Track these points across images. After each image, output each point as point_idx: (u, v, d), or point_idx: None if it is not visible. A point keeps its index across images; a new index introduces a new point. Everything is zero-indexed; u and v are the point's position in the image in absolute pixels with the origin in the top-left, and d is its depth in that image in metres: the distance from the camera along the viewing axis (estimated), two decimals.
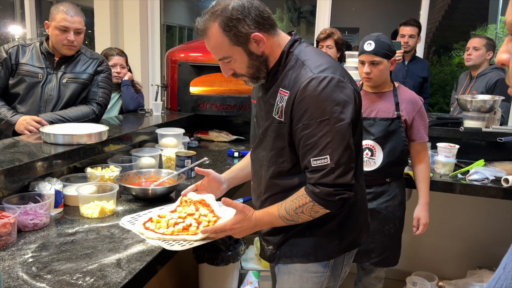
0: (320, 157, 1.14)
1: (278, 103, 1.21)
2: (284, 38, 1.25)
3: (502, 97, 2.56)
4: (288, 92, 1.18)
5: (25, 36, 5.29)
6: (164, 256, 1.30)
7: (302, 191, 1.20)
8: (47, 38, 2.24)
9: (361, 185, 1.36)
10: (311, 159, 1.15)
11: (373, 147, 1.99)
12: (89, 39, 4.87)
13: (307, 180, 1.19)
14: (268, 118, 1.26)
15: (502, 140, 2.36)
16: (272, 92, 1.24)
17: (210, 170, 1.53)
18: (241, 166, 1.59)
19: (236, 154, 2.42)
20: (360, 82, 2.10)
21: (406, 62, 3.31)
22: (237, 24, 1.15)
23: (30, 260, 1.19)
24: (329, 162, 1.13)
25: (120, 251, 1.25)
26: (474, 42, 3.08)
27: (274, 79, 1.24)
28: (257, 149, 1.36)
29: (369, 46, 1.88)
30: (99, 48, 4.05)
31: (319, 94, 1.12)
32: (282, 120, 1.21)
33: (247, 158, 1.57)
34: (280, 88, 1.21)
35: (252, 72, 1.24)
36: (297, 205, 1.20)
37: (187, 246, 1.31)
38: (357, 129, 1.24)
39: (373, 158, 1.99)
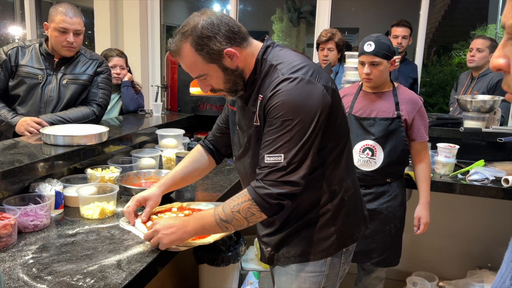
0: (274, 155, 1.14)
1: (257, 110, 1.23)
2: (257, 46, 1.25)
3: (502, 97, 2.56)
4: (263, 96, 1.19)
5: (25, 37, 5.29)
6: (164, 257, 1.30)
7: (244, 190, 1.20)
8: (47, 39, 2.24)
9: (353, 180, 1.36)
10: (265, 155, 1.16)
11: (373, 147, 1.99)
12: (89, 40, 4.87)
13: (256, 176, 1.19)
14: (250, 126, 1.27)
15: (502, 140, 2.36)
16: (252, 100, 1.25)
17: (151, 205, 1.45)
18: (177, 175, 1.52)
19: None
20: (360, 83, 2.11)
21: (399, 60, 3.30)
22: (208, 42, 1.16)
23: (31, 261, 1.19)
24: (281, 160, 1.14)
25: (120, 252, 1.25)
26: (477, 43, 3.05)
27: (252, 88, 1.25)
28: (242, 158, 1.35)
29: (369, 47, 1.88)
30: (99, 49, 4.05)
31: (286, 95, 1.13)
32: (258, 124, 1.22)
33: (187, 158, 1.54)
34: (259, 95, 1.22)
35: (230, 87, 1.24)
36: (236, 203, 1.19)
37: (186, 247, 1.31)
38: (339, 126, 1.25)
39: (374, 158, 1.99)
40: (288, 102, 1.13)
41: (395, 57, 1.97)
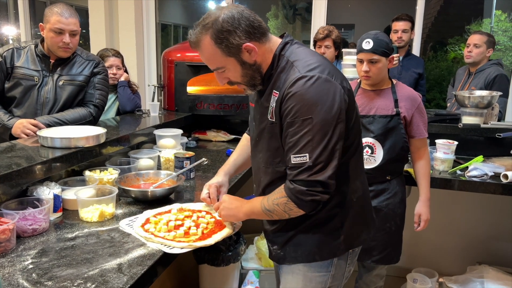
0: (300, 155, 1.15)
1: (271, 105, 1.23)
2: (275, 42, 1.26)
3: (500, 93, 2.56)
4: (278, 92, 1.20)
5: (19, 37, 5.25)
6: (165, 259, 1.29)
7: (283, 185, 1.23)
8: (42, 40, 2.21)
9: (362, 182, 1.36)
10: (291, 156, 1.17)
11: (373, 144, 1.98)
12: (84, 39, 4.84)
13: (287, 176, 1.21)
14: (263, 121, 1.28)
15: (501, 136, 2.36)
16: (266, 95, 1.26)
17: (224, 192, 1.55)
18: (237, 162, 1.61)
19: None
20: (358, 80, 2.10)
21: (401, 58, 3.29)
22: (228, 35, 1.17)
23: (30, 266, 1.18)
24: (307, 160, 1.15)
25: (121, 256, 1.24)
26: (474, 39, 3.04)
27: (268, 83, 1.26)
28: (254, 151, 1.39)
29: (368, 44, 1.87)
30: (95, 48, 4.02)
31: (304, 93, 1.13)
32: (274, 120, 1.23)
33: (240, 147, 1.62)
34: (273, 90, 1.23)
35: (247, 80, 1.26)
36: (275, 196, 1.23)
37: (187, 249, 1.31)
38: (352, 127, 1.25)
39: (373, 156, 1.98)
40: (306, 100, 1.13)
41: (393, 55, 1.96)
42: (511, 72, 3.66)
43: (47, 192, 1.52)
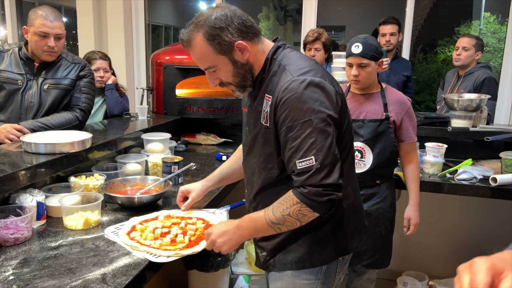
0: (305, 159, 1.13)
1: (264, 109, 1.22)
2: (268, 45, 1.25)
3: (488, 96, 2.57)
4: (271, 97, 1.19)
5: (6, 38, 5.18)
6: (151, 269, 1.26)
7: (289, 193, 1.18)
8: (26, 43, 2.17)
9: (354, 188, 1.35)
10: (297, 162, 1.14)
11: (362, 149, 1.98)
12: (73, 39, 4.78)
13: (293, 183, 1.17)
14: (256, 125, 1.27)
15: (489, 139, 2.37)
16: (259, 99, 1.25)
17: (193, 197, 1.55)
18: (224, 170, 1.59)
19: (224, 157, 2.38)
20: (348, 84, 2.09)
21: (389, 61, 3.29)
22: (220, 33, 1.16)
23: (11, 277, 1.14)
24: (314, 163, 1.12)
25: (105, 265, 1.22)
26: (463, 42, 3.05)
27: (260, 86, 1.25)
28: (248, 157, 1.37)
29: (357, 48, 1.86)
30: (83, 50, 3.97)
31: (299, 96, 1.13)
32: (268, 125, 1.22)
33: (232, 157, 1.59)
34: (266, 94, 1.22)
35: (238, 81, 1.24)
36: (284, 206, 1.17)
37: (173, 257, 1.28)
38: (345, 131, 1.24)
39: (363, 160, 1.98)
40: (302, 103, 1.12)
41: (383, 59, 1.95)
42: (500, 73, 3.68)
43: (30, 199, 1.49)
